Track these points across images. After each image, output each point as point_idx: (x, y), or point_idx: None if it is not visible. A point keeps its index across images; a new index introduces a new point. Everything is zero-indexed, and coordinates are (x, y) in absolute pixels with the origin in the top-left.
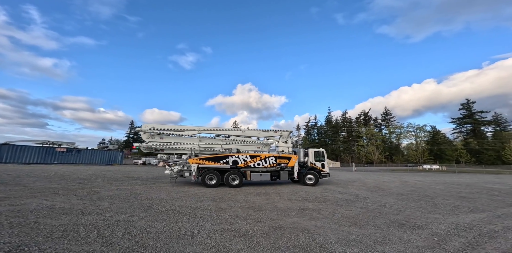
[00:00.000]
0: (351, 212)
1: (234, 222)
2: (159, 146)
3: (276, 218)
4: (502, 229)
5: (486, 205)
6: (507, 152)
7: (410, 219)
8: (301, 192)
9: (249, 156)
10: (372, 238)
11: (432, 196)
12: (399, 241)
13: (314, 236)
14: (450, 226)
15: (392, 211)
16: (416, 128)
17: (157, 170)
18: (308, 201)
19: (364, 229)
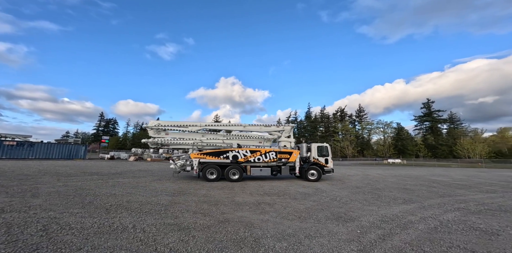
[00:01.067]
0: (302, 206)
1: (181, 216)
2: (165, 141)
3: (227, 212)
4: (418, 219)
5: (420, 197)
6: (457, 148)
7: (349, 212)
8: (266, 186)
9: (249, 151)
10: (306, 232)
11: (381, 189)
12: (327, 235)
13: (254, 230)
14: (377, 218)
15: (339, 204)
16: (385, 124)
17: (125, 164)
18: (268, 195)
19: (304, 223)
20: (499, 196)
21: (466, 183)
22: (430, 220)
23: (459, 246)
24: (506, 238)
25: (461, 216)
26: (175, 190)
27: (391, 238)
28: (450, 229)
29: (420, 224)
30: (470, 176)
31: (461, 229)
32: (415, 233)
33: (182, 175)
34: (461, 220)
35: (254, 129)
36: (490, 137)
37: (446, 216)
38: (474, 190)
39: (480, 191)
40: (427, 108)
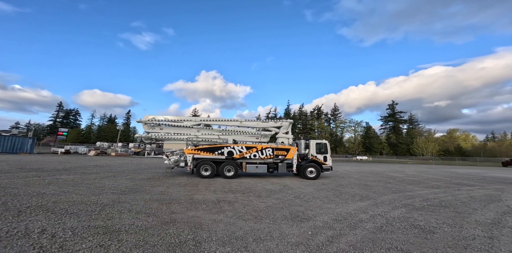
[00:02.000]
0: (263, 204)
1: (117, 217)
2: (159, 136)
3: (179, 211)
4: (368, 218)
5: (376, 193)
6: (414, 146)
7: (307, 211)
8: (234, 182)
9: (245, 147)
10: (257, 234)
11: (344, 185)
12: (278, 237)
13: (199, 232)
14: (332, 217)
15: (301, 202)
16: (356, 123)
17: (81, 160)
18: (233, 193)
19: (258, 224)
20: (441, 192)
21: (417, 179)
22: (378, 218)
23: (397, 248)
24: (439, 236)
25: (406, 212)
26: (128, 187)
27: (338, 240)
28: (393, 228)
29: (369, 223)
30: (421, 172)
31: (403, 227)
32: (361, 234)
33: (151, 171)
34: (405, 217)
35: (251, 125)
36: (440, 137)
37: (393, 214)
38: (422, 185)
39: (427, 187)
40: (392, 109)
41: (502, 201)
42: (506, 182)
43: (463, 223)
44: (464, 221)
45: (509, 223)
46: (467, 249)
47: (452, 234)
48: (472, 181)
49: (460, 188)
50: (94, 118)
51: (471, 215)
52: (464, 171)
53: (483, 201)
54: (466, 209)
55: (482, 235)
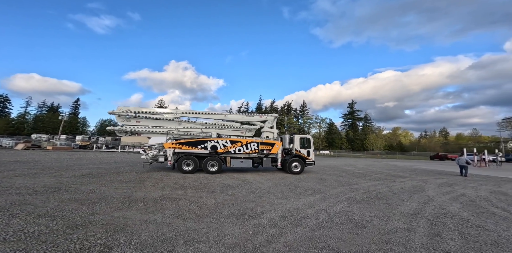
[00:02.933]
0: (213, 201)
1: (4, 223)
2: (135, 129)
3: (101, 212)
4: (313, 213)
5: (328, 187)
6: (366, 142)
7: (257, 207)
8: (191, 177)
9: (229, 141)
10: (190, 235)
11: (301, 179)
12: (214, 239)
13: (117, 235)
14: (279, 214)
15: (254, 198)
16: (321, 120)
17: (0, 154)
18: (183, 189)
19: (198, 223)
20: (380, 184)
21: (364, 172)
22: (322, 213)
23: (329, 246)
24: (368, 231)
25: (347, 206)
26: (45, 186)
27: (277, 240)
28: (332, 224)
29: (312, 219)
30: (368, 166)
31: (340, 222)
32: (301, 232)
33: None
34: (345, 212)
35: (235, 119)
36: (387, 134)
37: (336, 208)
38: (366, 178)
39: (370, 179)
40: (351, 108)
41: (424, 191)
42: (430, 174)
43: (390, 215)
44: (391, 213)
45: (426, 214)
46: (388, 243)
47: (379, 228)
48: (405, 173)
49: (395, 180)
50: (29, 106)
51: (398, 206)
52: (401, 164)
53: (410, 192)
54: (396, 200)
55: (402, 228)
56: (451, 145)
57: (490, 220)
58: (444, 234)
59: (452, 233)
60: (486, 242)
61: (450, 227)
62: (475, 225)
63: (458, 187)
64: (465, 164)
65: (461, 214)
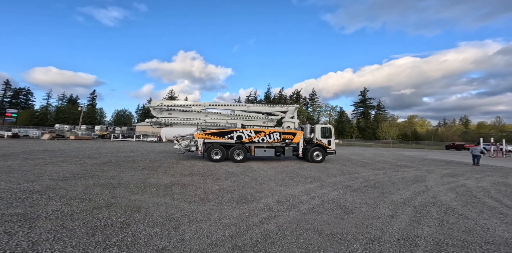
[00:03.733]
0: (217, 187)
1: (44, 204)
2: (168, 121)
3: (121, 196)
4: (308, 199)
5: (328, 175)
6: (378, 130)
7: (257, 193)
8: (199, 165)
9: (253, 131)
10: (194, 216)
11: (304, 168)
12: (214, 219)
13: (134, 215)
14: (276, 199)
15: (255, 184)
16: (331, 108)
17: (30, 144)
18: (191, 176)
19: (201, 206)
20: (382, 173)
21: (369, 161)
22: (316, 200)
23: (314, 228)
24: (354, 216)
25: (341, 194)
26: (73, 173)
27: (269, 222)
28: (323, 209)
29: (305, 204)
30: (376, 155)
31: (330, 208)
32: (293, 215)
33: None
34: (338, 199)
35: (257, 109)
36: (401, 123)
37: (330, 195)
38: (370, 167)
39: (373, 169)
40: (363, 95)
41: (424, 181)
42: (438, 164)
43: (380, 203)
44: (382, 201)
45: (415, 202)
46: (368, 228)
47: (365, 214)
48: (412, 163)
49: (399, 169)
50: (50, 98)
51: (391, 195)
52: (411, 153)
53: (409, 181)
54: (392, 189)
55: (387, 214)
56: (471, 134)
57: (476, 210)
58: (424, 221)
59: (432, 221)
60: (460, 229)
61: (433, 215)
62: (458, 214)
63: (462, 177)
64: (478, 153)
65: (450, 204)
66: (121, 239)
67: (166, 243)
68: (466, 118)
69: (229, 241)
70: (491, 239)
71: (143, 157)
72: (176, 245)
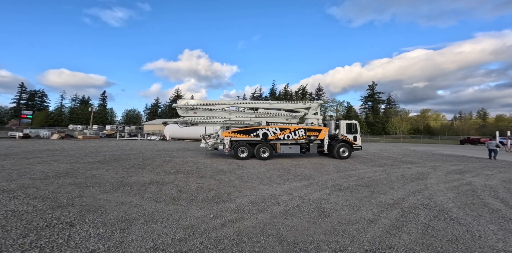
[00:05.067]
0: (196, 185)
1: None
2: (194, 120)
3: (88, 195)
4: (287, 200)
5: (322, 173)
6: (388, 125)
7: (235, 192)
8: (190, 163)
9: (278, 128)
10: (153, 216)
11: (300, 165)
12: (174, 220)
13: (87, 215)
14: (254, 199)
15: (239, 183)
16: (338, 103)
17: (37, 144)
18: (176, 173)
19: (168, 206)
20: (381, 170)
21: (372, 157)
22: (295, 201)
23: (278, 234)
24: (329, 221)
25: (326, 194)
26: (58, 172)
27: (232, 225)
28: (298, 211)
29: (282, 205)
30: (381, 150)
31: (307, 211)
32: (262, 218)
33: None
34: (320, 200)
35: (280, 106)
36: (413, 117)
37: (314, 195)
38: (370, 164)
39: (373, 165)
40: (371, 90)
41: (425, 179)
42: (447, 160)
43: (365, 205)
44: (368, 202)
45: (405, 204)
46: (338, 235)
47: (342, 218)
48: (418, 159)
49: (401, 166)
50: (64, 100)
51: (381, 195)
52: (420, 149)
53: (408, 179)
54: (384, 188)
55: (367, 219)
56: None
57: (474, 213)
58: (406, 227)
59: (415, 227)
60: (445, 237)
61: (419, 219)
62: (450, 218)
63: (470, 174)
64: (494, 147)
65: (445, 206)
66: (52, 241)
67: (100, 245)
68: (484, 111)
69: (175, 245)
70: (478, 251)
71: (138, 155)
72: (110, 248)
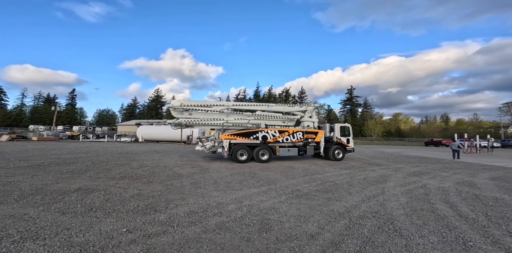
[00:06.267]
0: (135, 192)
1: None
2: (189, 122)
3: None
4: (232, 210)
5: (286, 177)
6: (364, 128)
7: (177, 200)
8: (148, 166)
9: (277, 131)
10: (42, 231)
11: (269, 168)
12: (66, 235)
13: None
14: (191, 209)
15: (189, 189)
16: (319, 106)
17: None
18: (121, 179)
19: (76, 218)
20: (347, 173)
21: (344, 159)
22: (242, 210)
23: None
24: (266, 237)
25: (279, 202)
26: None
27: (142, 242)
28: (237, 224)
29: (223, 216)
30: (355, 152)
31: (248, 223)
32: (189, 232)
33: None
34: (270, 209)
35: (278, 109)
36: (386, 120)
37: (265, 204)
38: (339, 166)
39: (341, 168)
40: (350, 93)
41: (384, 183)
42: (410, 161)
43: (315, 214)
44: (319, 211)
45: (356, 212)
46: None
47: (283, 233)
48: (385, 161)
49: (367, 168)
50: (25, 98)
51: (336, 202)
52: (390, 150)
53: (369, 183)
54: (342, 194)
55: (309, 233)
56: (450, 131)
57: (420, 222)
58: (345, 243)
59: (355, 242)
60: None
61: (363, 232)
62: (394, 229)
63: (427, 176)
64: (457, 148)
65: (394, 213)
66: None
67: None
68: (447, 115)
69: None
70: None
71: (90, 159)
72: None
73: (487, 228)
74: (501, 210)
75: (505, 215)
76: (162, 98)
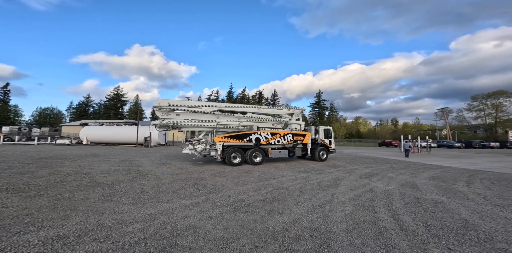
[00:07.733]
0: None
1: None
2: (176, 123)
3: None
4: (134, 230)
5: (237, 183)
6: None
7: (53, 220)
8: (59, 174)
9: (270, 133)
10: None
11: (224, 173)
12: None
13: None
14: (67, 230)
15: (92, 202)
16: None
17: None
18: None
19: None
20: (303, 177)
21: (305, 161)
22: (149, 230)
23: None
24: None
25: (208, 217)
26: None
27: None
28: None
29: (104, 242)
30: None
31: (142, 251)
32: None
33: None
34: (189, 228)
35: (267, 112)
36: (349, 123)
37: (192, 219)
38: (298, 169)
39: (300, 171)
40: (318, 97)
41: (336, 187)
42: (364, 162)
43: (244, 235)
44: (251, 231)
45: (294, 230)
46: None
47: None
48: (343, 162)
49: (324, 171)
50: None
51: (277, 215)
52: (350, 151)
53: (321, 188)
54: (289, 204)
55: None
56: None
57: (358, 241)
58: None
59: None
60: None
61: None
62: (329, 251)
63: (376, 178)
64: (408, 148)
65: (335, 229)
66: None
67: None
68: (396, 119)
69: None
70: None
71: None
72: None
73: (426, 245)
74: (440, 217)
75: (445, 224)
76: (123, 97)
